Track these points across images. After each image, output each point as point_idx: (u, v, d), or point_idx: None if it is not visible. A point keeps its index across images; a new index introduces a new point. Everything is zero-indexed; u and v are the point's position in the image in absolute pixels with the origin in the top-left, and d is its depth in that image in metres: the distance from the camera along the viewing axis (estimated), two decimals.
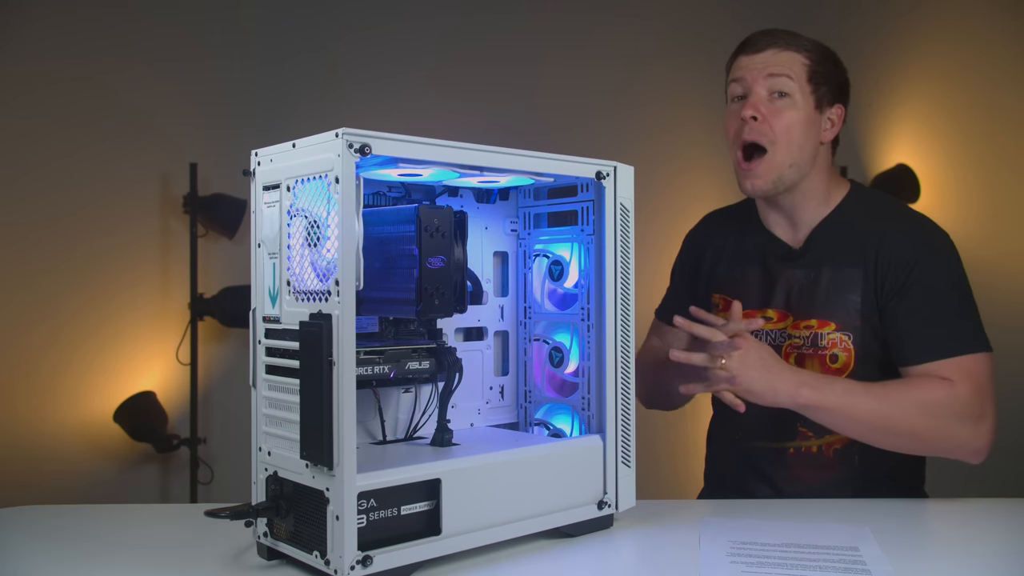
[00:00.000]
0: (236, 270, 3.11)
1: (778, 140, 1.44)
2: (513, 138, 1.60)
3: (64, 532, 1.27)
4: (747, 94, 1.47)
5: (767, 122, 1.44)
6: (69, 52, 2.96)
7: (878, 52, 3.48)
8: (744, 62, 1.48)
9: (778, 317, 1.51)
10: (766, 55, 1.46)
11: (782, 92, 1.45)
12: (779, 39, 1.47)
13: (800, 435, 1.49)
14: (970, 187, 3.43)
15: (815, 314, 1.48)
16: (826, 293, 1.47)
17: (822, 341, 1.47)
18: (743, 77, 1.47)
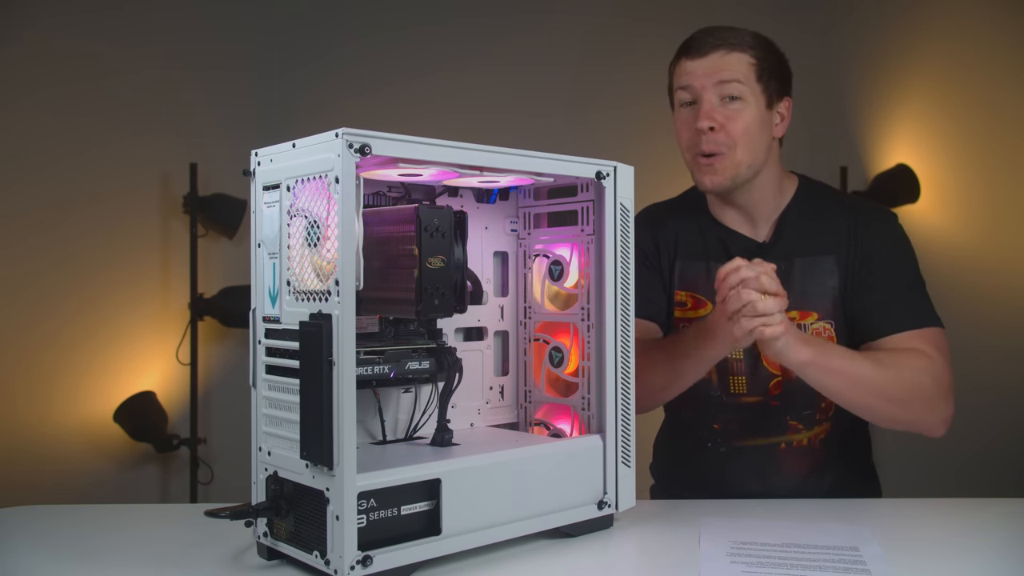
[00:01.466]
0: (236, 270, 3.11)
1: (737, 144, 1.44)
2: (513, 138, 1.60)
3: (64, 532, 1.27)
4: (697, 100, 1.46)
5: (723, 129, 1.43)
6: (70, 53, 2.96)
7: (878, 52, 3.48)
8: (690, 67, 1.46)
9: None
10: (712, 59, 1.44)
11: (733, 96, 1.43)
12: (723, 40, 1.45)
13: (791, 428, 1.50)
14: (970, 187, 3.43)
15: (795, 305, 1.47)
16: (803, 283, 1.48)
17: (806, 332, 1.47)
18: (691, 84, 1.45)
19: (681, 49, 1.50)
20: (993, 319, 3.37)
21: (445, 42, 3.42)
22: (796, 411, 1.49)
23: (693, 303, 1.55)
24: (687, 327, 1.51)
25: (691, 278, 1.55)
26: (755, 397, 1.51)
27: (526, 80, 3.44)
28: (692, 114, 1.46)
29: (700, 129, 1.43)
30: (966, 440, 3.28)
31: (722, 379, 1.52)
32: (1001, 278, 3.37)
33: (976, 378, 3.24)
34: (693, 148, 1.47)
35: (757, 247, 1.52)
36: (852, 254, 1.47)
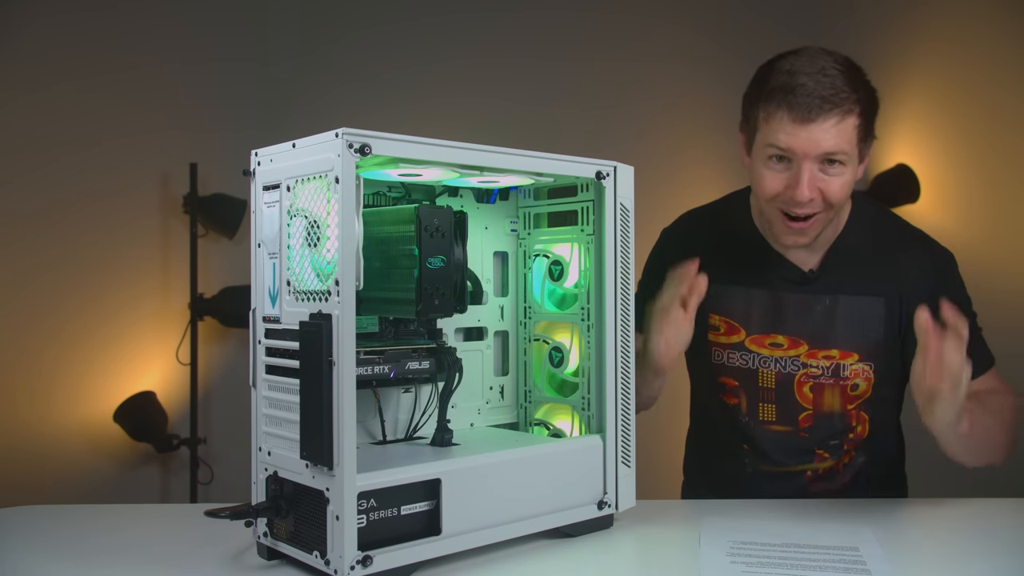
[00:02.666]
0: (236, 270, 3.11)
1: (831, 206, 1.35)
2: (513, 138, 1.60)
3: (64, 532, 1.27)
4: (791, 160, 1.32)
5: (819, 195, 1.33)
6: (70, 52, 2.96)
7: (878, 52, 3.48)
8: (791, 130, 1.29)
9: (789, 344, 1.46)
10: (822, 128, 1.28)
11: (836, 162, 1.32)
12: (837, 101, 1.28)
13: (817, 457, 1.49)
14: (970, 187, 3.43)
15: (837, 344, 1.43)
16: (848, 321, 1.43)
17: (844, 372, 1.44)
18: (792, 149, 1.30)
19: (780, 96, 1.30)
20: (993, 320, 3.36)
21: (445, 42, 3.41)
22: (824, 442, 1.48)
23: (727, 328, 1.50)
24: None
25: (727, 303, 1.49)
26: (784, 427, 1.49)
27: (526, 80, 3.44)
28: (783, 172, 1.33)
29: (799, 200, 1.32)
30: None
31: (752, 406, 1.50)
32: (1001, 278, 3.37)
33: None
34: (781, 204, 1.36)
35: (801, 277, 1.46)
36: (906, 300, 1.41)
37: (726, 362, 1.51)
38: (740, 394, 1.51)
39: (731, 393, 1.52)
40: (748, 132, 1.40)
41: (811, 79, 1.28)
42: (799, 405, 1.47)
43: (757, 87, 1.36)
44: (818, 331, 1.45)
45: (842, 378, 1.45)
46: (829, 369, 1.45)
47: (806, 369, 1.46)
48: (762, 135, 1.34)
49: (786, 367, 1.47)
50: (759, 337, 1.48)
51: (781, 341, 1.47)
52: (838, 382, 1.45)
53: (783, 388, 1.47)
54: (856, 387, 1.45)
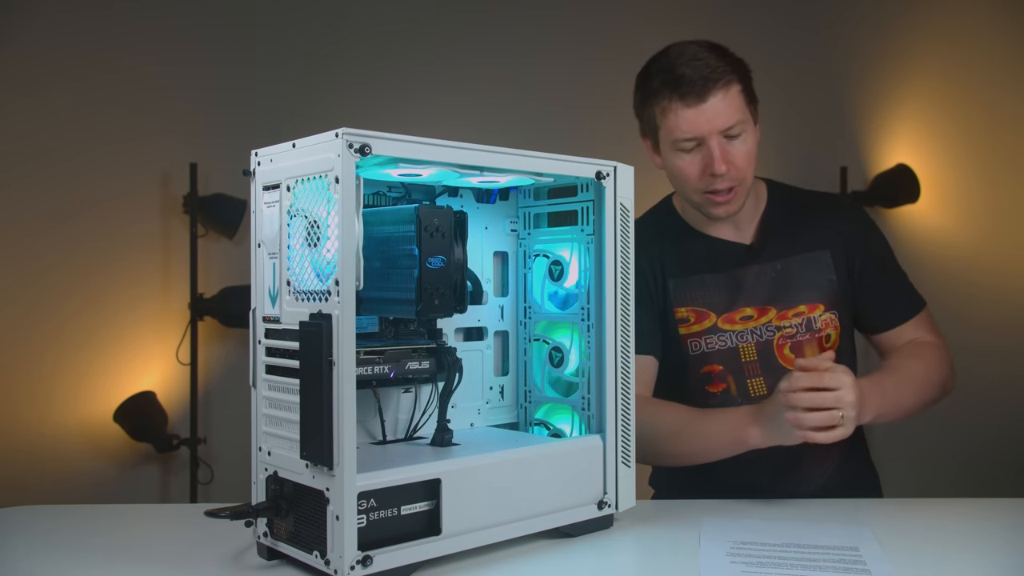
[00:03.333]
0: (236, 270, 3.11)
1: (744, 173, 1.45)
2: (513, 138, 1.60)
3: (64, 532, 1.27)
4: (699, 144, 1.43)
5: (733, 166, 1.43)
6: (69, 53, 2.96)
7: (878, 52, 3.48)
8: (690, 116, 1.40)
9: (758, 313, 1.52)
10: (713, 104, 1.39)
11: (736, 133, 1.42)
12: (717, 75, 1.39)
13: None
14: (970, 187, 3.43)
15: (803, 299, 1.51)
16: (805, 277, 1.52)
17: (816, 324, 1.51)
18: (696, 132, 1.41)
19: (666, 91, 1.42)
20: (993, 318, 3.36)
21: (445, 42, 3.41)
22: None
23: (696, 316, 1.53)
24: (717, 410, 1.45)
25: (688, 293, 1.54)
26: None
27: (527, 79, 3.44)
28: (695, 156, 1.44)
29: (716, 174, 1.42)
30: (966, 439, 3.29)
31: (740, 385, 1.52)
32: (1001, 278, 3.37)
33: (976, 378, 3.24)
34: (703, 187, 1.45)
35: (747, 250, 1.54)
36: (848, 253, 1.54)
37: (705, 348, 1.53)
38: (727, 377, 1.53)
39: (717, 380, 1.53)
40: (650, 135, 1.50)
41: (687, 67, 1.40)
42: (784, 369, 1.50)
43: (643, 92, 1.48)
44: (780, 294, 1.52)
45: (816, 330, 1.51)
46: (802, 325, 1.51)
47: (781, 331, 1.51)
48: (665, 131, 1.45)
49: (762, 335, 1.52)
50: (729, 315, 1.52)
51: (750, 313, 1.52)
52: (814, 336, 1.51)
53: (765, 356, 1.51)
54: (828, 338, 1.53)
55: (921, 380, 1.46)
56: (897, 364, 1.48)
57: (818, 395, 1.26)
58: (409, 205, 1.18)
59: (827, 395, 1.25)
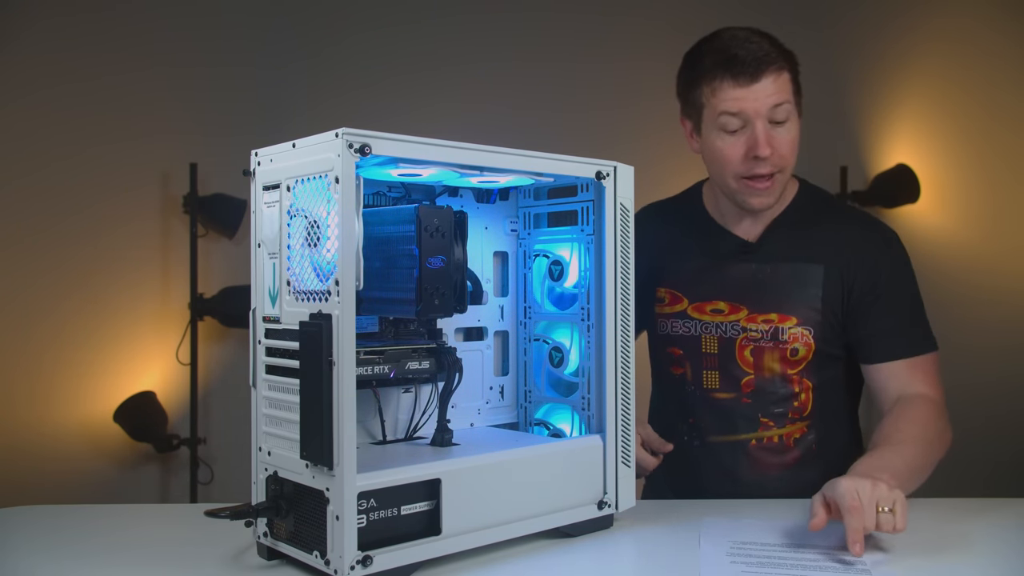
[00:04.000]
0: (236, 270, 3.11)
1: (786, 161, 1.43)
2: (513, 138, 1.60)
3: (64, 532, 1.27)
4: (744, 125, 1.40)
5: (776, 151, 1.40)
6: (69, 53, 2.96)
7: (878, 51, 3.48)
8: (739, 94, 1.38)
9: (729, 309, 1.51)
10: (764, 85, 1.38)
11: (782, 119, 1.41)
12: (771, 59, 1.39)
13: (762, 425, 1.51)
14: (970, 187, 3.43)
15: (776, 308, 1.48)
16: (787, 287, 1.48)
17: (783, 335, 1.48)
18: (742, 111, 1.39)
19: (717, 70, 1.40)
20: (992, 319, 3.36)
21: (446, 42, 3.42)
22: (767, 409, 1.51)
23: (670, 299, 1.55)
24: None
25: (673, 277, 1.55)
26: (728, 393, 1.52)
27: (527, 79, 3.44)
28: (739, 138, 1.41)
29: (760, 157, 1.39)
30: (965, 440, 3.28)
31: (696, 374, 1.54)
32: (1001, 278, 3.37)
33: (975, 378, 3.24)
34: (742, 172, 1.43)
35: (743, 246, 1.52)
36: (849, 274, 1.47)
37: (670, 331, 1.55)
38: (685, 363, 1.54)
39: (677, 363, 1.56)
40: (693, 116, 1.48)
41: (742, 48, 1.39)
42: (740, 370, 1.50)
43: (692, 71, 1.46)
44: (757, 296, 1.49)
45: (781, 342, 1.48)
46: (768, 333, 1.49)
47: (746, 333, 1.49)
48: (710, 109, 1.42)
49: (727, 332, 1.51)
50: (701, 304, 1.52)
51: (722, 307, 1.51)
52: (777, 346, 1.49)
53: (725, 353, 1.51)
54: (795, 352, 1.48)
55: (920, 465, 1.33)
56: (896, 449, 1.32)
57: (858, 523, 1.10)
58: (409, 205, 1.18)
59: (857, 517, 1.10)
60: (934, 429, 1.38)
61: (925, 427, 1.37)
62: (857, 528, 1.08)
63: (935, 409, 1.41)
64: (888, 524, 1.10)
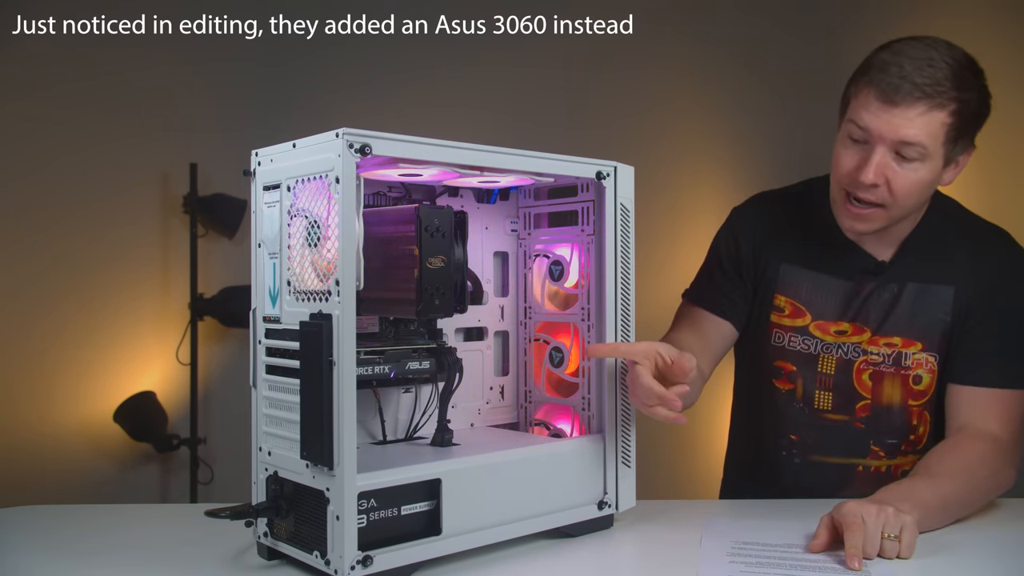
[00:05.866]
0: (236, 270, 3.11)
1: (897, 201, 1.30)
2: (513, 138, 1.60)
3: (64, 532, 1.27)
4: (868, 142, 1.28)
5: (888, 185, 1.28)
6: (69, 53, 2.96)
7: None
8: (875, 109, 1.25)
9: (853, 331, 1.43)
10: (906, 113, 1.24)
11: (912, 158, 1.27)
12: (929, 92, 1.23)
13: (872, 453, 1.46)
14: (970, 187, 3.42)
15: (900, 332, 1.41)
16: (914, 310, 1.40)
17: (906, 361, 1.41)
18: (868, 129, 1.26)
19: (874, 74, 1.27)
20: None
21: (446, 42, 3.41)
22: (880, 438, 1.45)
23: (792, 311, 1.47)
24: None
25: (795, 285, 1.46)
26: (841, 416, 1.46)
27: (527, 79, 3.44)
28: (858, 153, 1.30)
29: (863, 181, 1.28)
30: None
31: (807, 393, 1.47)
32: None
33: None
34: (847, 185, 1.32)
35: (876, 267, 1.42)
36: (974, 292, 1.39)
37: (787, 345, 1.47)
38: (797, 379, 1.47)
39: (787, 378, 1.48)
40: (842, 110, 1.37)
41: (911, 63, 1.25)
42: (857, 394, 1.44)
43: (862, 64, 1.33)
44: (882, 318, 1.41)
45: (904, 367, 1.41)
46: (890, 357, 1.42)
47: (866, 356, 1.42)
48: (850, 110, 1.32)
49: (847, 354, 1.44)
50: (825, 324, 1.44)
51: (846, 328, 1.43)
52: (899, 371, 1.42)
53: (842, 375, 1.44)
54: (919, 380, 1.42)
55: (957, 501, 1.25)
56: (930, 481, 1.24)
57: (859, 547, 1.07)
58: (409, 205, 1.18)
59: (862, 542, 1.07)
60: (987, 468, 1.29)
61: (975, 463, 1.28)
62: (855, 544, 1.06)
63: (995, 449, 1.31)
64: (892, 551, 1.08)
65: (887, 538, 1.08)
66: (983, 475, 1.28)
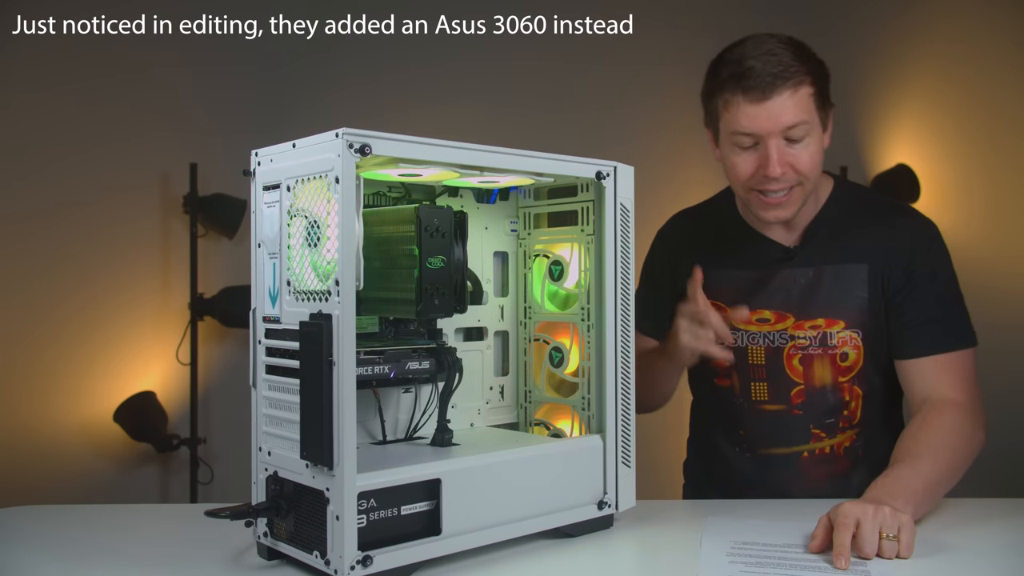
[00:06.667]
0: (236, 270, 3.11)
1: (806, 177, 1.38)
2: (513, 138, 1.60)
3: (64, 532, 1.27)
4: (757, 142, 1.36)
5: (790, 168, 1.36)
6: (70, 53, 2.96)
7: (878, 51, 3.48)
8: (751, 112, 1.33)
9: (776, 318, 1.48)
10: (778, 103, 1.32)
11: (801, 138, 1.35)
12: (787, 75, 1.32)
13: (813, 437, 1.49)
14: (970, 187, 3.43)
15: (822, 312, 1.45)
16: (832, 290, 1.45)
17: (832, 340, 1.45)
18: (754, 130, 1.34)
19: (732, 85, 1.35)
20: (993, 319, 3.35)
21: (446, 42, 3.41)
22: (818, 420, 1.48)
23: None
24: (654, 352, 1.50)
25: (715, 288, 1.49)
26: (777, 405, 1.49)
27: (527, 79, 3.44)
28: (752, 155, 1.37)
29: (770, 176, 1.35)
30: None
31: (744, 385, 1.51)
32: (1001, 279, 3.37)
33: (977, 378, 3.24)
34: (755, 186, 1.39)
35: (783, 252, 1.49)
36: (891, 268, 1.43)
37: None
38: (732, 374, 1.52)
39: (723, 375, 1.53)
40: (712, 126, 1.45)
41: (759, 61, 1.34)
42: (790, 380, 1.48)
43: (710, 81, 1.42)
44: (803, 303, 1.47)
45: (830, 347, 1.46)
46: (816, 339, 1.46)
47: (794, 341, 1.47)
48: (724, 123, 1.39)
49: (774, 341, 1.48)
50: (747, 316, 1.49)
51: (768, 316, 1.49)
52: (827, 352, 1.46)
53: (773, 363, 1.48)
54: (846, 357, 1.46)
55: (940, 478, 1.28)
56: (913, 465, 1.27)
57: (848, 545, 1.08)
58: (409, 205, 1.18)
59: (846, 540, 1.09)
60: (959, 437, 1.32)
61: (947, 435, 1.31)
62: (842, 543, 1.07)
63: (960, 413, 1.35)
64: (891, 551, 1.09)
65: (885, 538, 1.09)
66: (959, 445, 1.32)
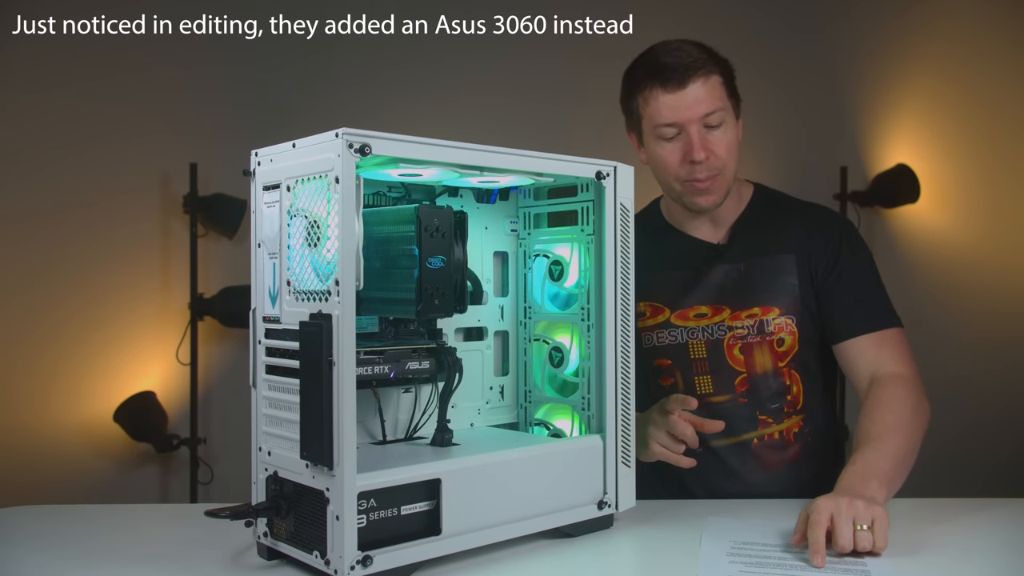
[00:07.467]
0: (236, 270, 3.11)
1: (727, 163, 1.46)
2: (513, 138, 1.60)
3: (64, 532, 1.27)
4: (679, 131, 1.44)
5: (712, 154, 1.44)
6: (70, 53, 2.96)
7: (877, 51, 3.48)
8: (670, 102, 1.43)
9: (712, 312, 1.53)
10: (693, 91, 1.42)
11: (716, 123, 1.44)
12: (698, 65, 1.42)
13: (761, 423, 1.52)
14: (970, 186, 3.43)
15: (757, 301, 1.51)
16: (764, 280, 1.52)
17: (769, 327, 1.51)
18: (675, 120, 1.43)
19: (649, 82, 1.45)
20: (993, 317, 3.36)
21: (446, 41, 3.41)
22: (764, 406, 1.52)
23: (652, 311, 1.56)
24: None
25: (648, 289, 1.54)
26: (723, 396, 1.53)
27: (527, 79, 3.44)
28: (676, 144, 1.45)
29: (695, 162, 1.43)
30: (966, 439, 3.29)
31: (687, 381, 1.54)
32: (1000, 277, 3.37)
33: (974, 377, 3.24)
34: (684, 176, 1.47)
35: (712, 249, 1.55)
36: (817, 255, 1.52)
37: (656, 343, 1.56)
38: (675, 372, 1.55)
39: (666, 374, 1.56)
40: (635, 127, 1.53)
41: (670, 56, 1.44)
42: (732, 369, 1.52)
43: (628, 85, 1.52)
44: (737, 294, 1.52)
45: (767, 334, 1.51)
46: (754, 327, 1.51)
47: (732, 331, 1.52)
48: (647, 119, 1.47)
49: (713, 333, 1.53)
50: (683, 312, 1.54)
51: (704, 311, 1.53)
52: (764, 339, 1.51)
53: (714, 354, 1.52)
54: (782, 342, 1.51)
55: (904, 453, 1.32)
56: (878, 447, 1.31)
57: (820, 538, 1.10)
58: (409, 205, 1.18)
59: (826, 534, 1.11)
60: (910, 408, 1.38)
61: (900, 408, 1.38)
62: (817, 540, 1.09)
63: (907, 386, 1.42)
64: (866, 543, 1.10)
65: (860, 530, 1.10)
66: (910, 416, 1.37)
